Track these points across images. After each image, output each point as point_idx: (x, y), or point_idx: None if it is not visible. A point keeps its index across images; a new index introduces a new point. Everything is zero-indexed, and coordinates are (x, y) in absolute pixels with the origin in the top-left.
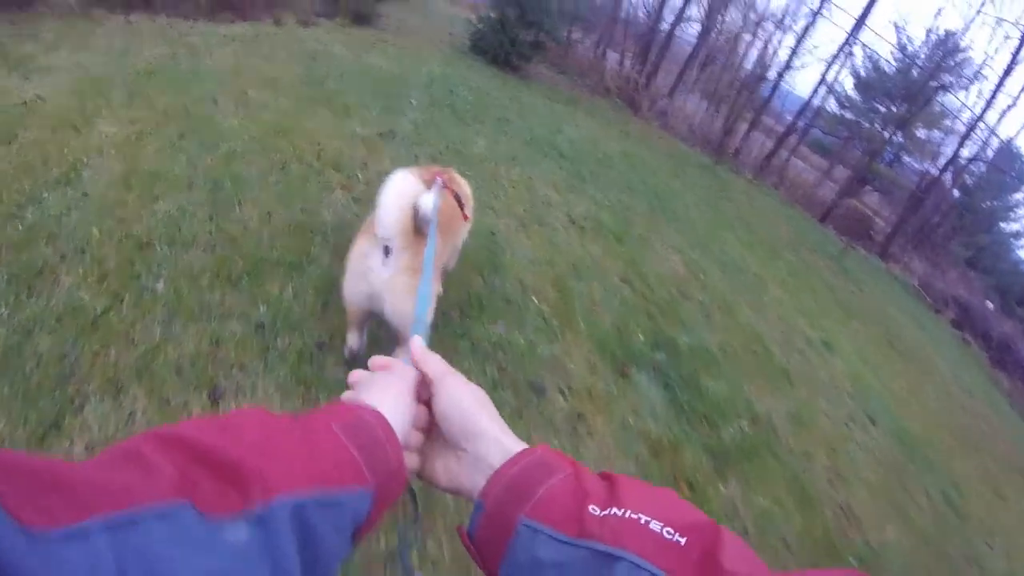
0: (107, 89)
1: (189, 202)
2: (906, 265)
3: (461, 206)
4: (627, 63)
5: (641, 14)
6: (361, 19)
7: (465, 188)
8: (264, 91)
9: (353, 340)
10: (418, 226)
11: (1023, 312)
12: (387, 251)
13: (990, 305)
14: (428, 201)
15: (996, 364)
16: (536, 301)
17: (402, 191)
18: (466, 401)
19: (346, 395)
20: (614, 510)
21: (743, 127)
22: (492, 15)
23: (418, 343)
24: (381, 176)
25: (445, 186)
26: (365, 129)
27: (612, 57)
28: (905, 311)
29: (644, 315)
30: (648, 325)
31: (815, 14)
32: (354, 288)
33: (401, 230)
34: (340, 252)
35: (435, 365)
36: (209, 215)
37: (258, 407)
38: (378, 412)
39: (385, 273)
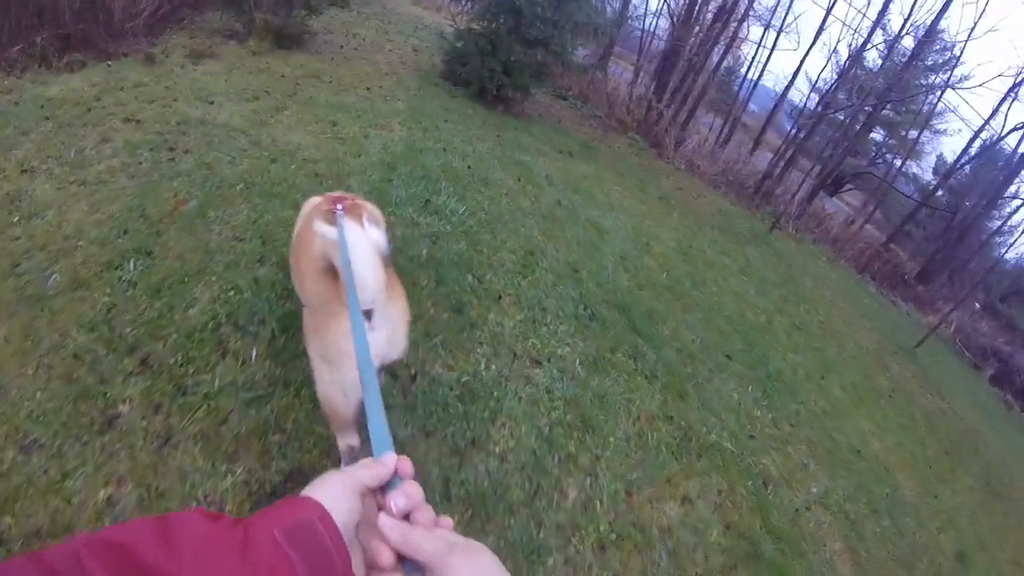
0: None
1: None
2: (944, 318)
3: None
4: (640, 83)
5: (660, 23)
6: (287, 41)
7: (374, 210)
8: None
9: (354, 439)
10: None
11: (1005, 310)
12: (370, 315)
13: (977, 306)
14: (383, 239)
15: None
16: None
17: (367, 241)
18: None
19: None
20: None
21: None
22: (476, 28)
23: (387, 522)
24: None
25: (350, 211)
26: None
27: (615, 73)
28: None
29: None
30: None
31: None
32: (351, 378)
33: (381, 286)
34: None
35: (429, 546)
36: None
37: (199, 510)
38: (323, 510)
39: (380, 336)
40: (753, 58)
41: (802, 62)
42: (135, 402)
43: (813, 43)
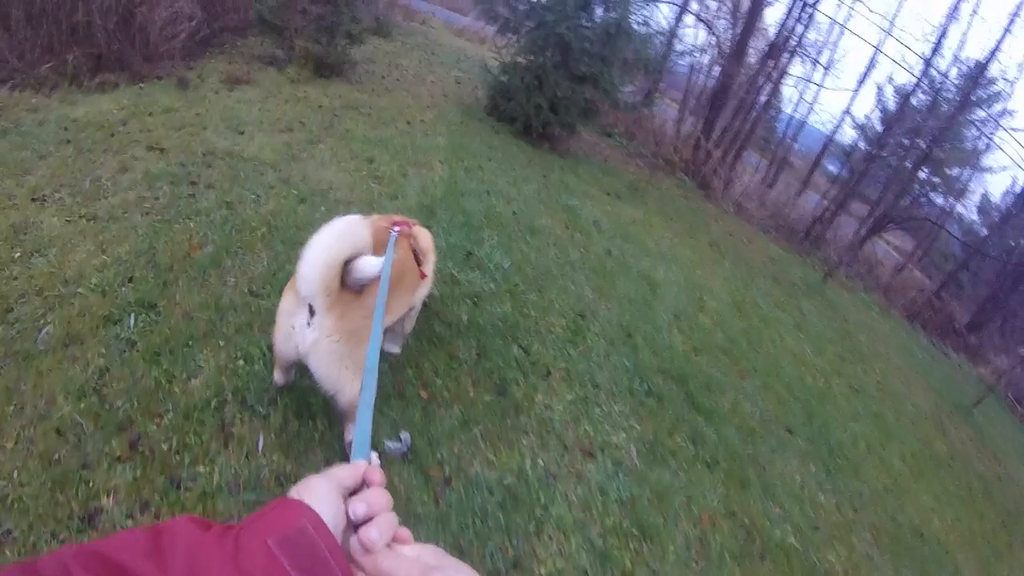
0: None
1: None
2: (995, 369)
3: (419, 262)
4: (687, 121)
5: (705, 59)
6: (327, 70)
7: (425, 241)
8: None
9: (279, 377)
10: (348, 285)
11: None
12: (312, 311)
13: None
14: (370, 264)
15: None
16: None
17: (331, 243)
18: None
19: None
20: None
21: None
22: (522, 62)
23: (356, 549)
24: None
25: (402, 237)
26: None
27: (660, 110)
28: None
29: None
30: None
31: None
32: (282, 345)
33: (323, 288)
34: None
35: (402, 572)
36: None
37: (189, 518)
38: (316, 516)
39: (310, 336)
40: (800, 97)
41: (851, 102)
42: (120, 495)
43: (861, 82)
